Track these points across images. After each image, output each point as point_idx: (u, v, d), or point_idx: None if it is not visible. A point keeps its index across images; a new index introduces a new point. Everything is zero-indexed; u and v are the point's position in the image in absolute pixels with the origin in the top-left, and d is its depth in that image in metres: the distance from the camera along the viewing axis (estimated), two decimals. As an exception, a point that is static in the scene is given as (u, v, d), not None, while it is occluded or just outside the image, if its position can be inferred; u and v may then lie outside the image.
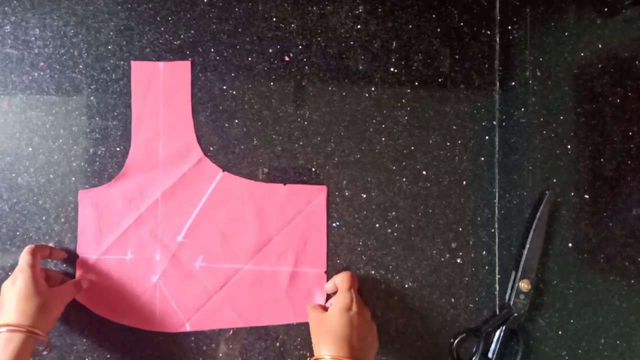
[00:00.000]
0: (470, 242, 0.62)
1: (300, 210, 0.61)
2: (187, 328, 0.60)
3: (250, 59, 0.61)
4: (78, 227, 0.60)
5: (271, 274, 0.61)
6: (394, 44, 0.62)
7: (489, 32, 0.62)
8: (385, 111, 0.62)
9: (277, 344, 0.61)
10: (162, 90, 0.60)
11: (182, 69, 0.60)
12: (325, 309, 0.59)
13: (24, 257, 0.54)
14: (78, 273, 0.60)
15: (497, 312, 0.61)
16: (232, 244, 0.60)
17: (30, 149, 0.60)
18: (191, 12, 0.61)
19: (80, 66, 0.60)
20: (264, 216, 0.61)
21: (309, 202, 0.61)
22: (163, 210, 0.60)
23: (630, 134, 0.63)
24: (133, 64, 0.60)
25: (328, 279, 0.61)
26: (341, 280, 0.58)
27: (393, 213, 0.61)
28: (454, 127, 0.62)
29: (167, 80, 0.60)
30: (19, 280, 0.52)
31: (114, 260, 0.60)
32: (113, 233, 0.60)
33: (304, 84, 0.61)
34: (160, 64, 0.60)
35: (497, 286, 0.62)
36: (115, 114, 0.60)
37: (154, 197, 0.60)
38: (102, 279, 0.60)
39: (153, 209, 0.60)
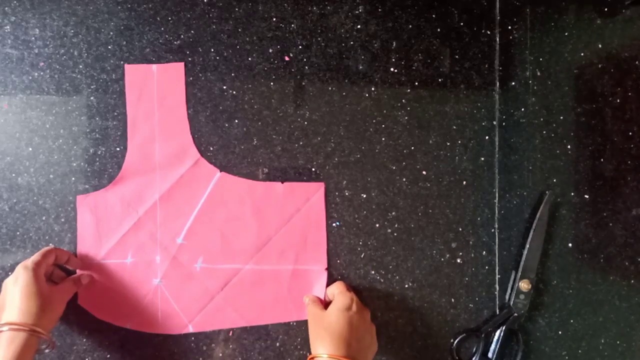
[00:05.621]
0: (470, 242, 0.62)
1: (299, 208, 0.61)
2: (190, 329, 0.60)
3: (250, 59, 0.61)
4: (77, 232, 0.60)
5: (272, 273, 0.61)
6: (394, 44, 0.62)
7: (489, 32, 0.62)
8: (385, 111, 0.62)
9: (277, 344, 0.61)
10: (156, 93, 0.60)
11: (175, 71, 0.60)
12: (323, 302, 0.59)
13: (34, 256, 0.54)
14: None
15: (497, 312, 0.61)
16: (232, 244, 0.60)
17: (30, 149, 0.60)
18: (191, 12, 0.61)
19: (80, 66, 0.60)
20: (262, 215, 0.61)
21: (307, 200, 0.61)
22: (162, 212, 0.60)
23: (630, 134, 0.63)
24: (126, 67, 0.60)
25: (329, 276, 0.61)
26: (336, 284, 0.59)
27: (393, 213, 0.61)
28: (454, 127, 0.62)
29: (161, 83, 0.60)
30: (21, 279, 0.51)
31: (114, 264, 0.60)
32: (112, 237, 0.60)
33: (304, 84, 0.61)
34: (154, 66, 0.60)
35: (497, 286, 0.62)
36: (115, 114, 0.60)
37: (152, 199, 0.60)
38: (103, 283, 0.60)
39: (152, 211, 0.60)
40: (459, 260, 0.62)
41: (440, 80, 0.62)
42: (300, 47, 0.61)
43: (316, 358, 0.51)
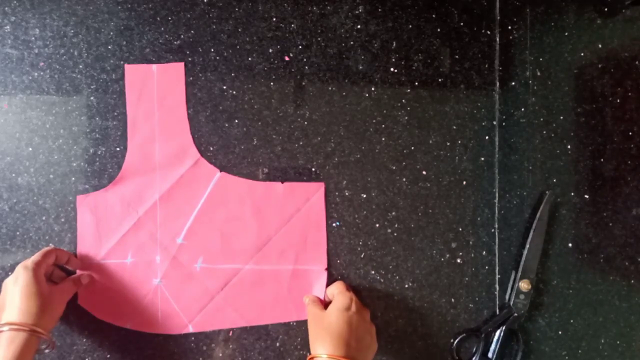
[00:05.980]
0: (470, 242, 0.62)
1: (299, 208, 0.61)
2: (190, 329, 0.60)
3: (250, 59, 0.61)
4: (77, 232, 0.60)
5: (272, 273, 0.61)
6: (394, 44, 0.62)
7: (489, 32, 0.62)
8: (385, 111, 0.62)
9: (277, 344, 0.61)
10: (156, 93, 0.60)
11: (175, 71, 0.60)
12: (323, 302, 0.59)
13: (34, 256, 0.54)
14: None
15: (497, 312, 0.61)
16: (232, 244, 0.60)
17: (30, 149, 0.60)
18: (191, 12, 0.61)
19: (80, 66, 0.60)
20: (263, 215, 0.61)
21: (307, 200, 0.61)
22: (162, 212, 0.60)
23: (630, 134, 0.63)
24: (126, 67, 0.60)
25: (329, 276, 0.61)
26: (336, 284, 0.59)
27: (393, 213, 0.61)
28: (454, 127, 0.62)
29: (161, 83, 0.60)
30: (21, 279, 0.51)
31: (114, 264, 0.60)
32: (112, 237, 0.60)
33: (304, 84, 0.61)
34: (154, 66, 0.60)
35: (497, 286, 0.62)
36: (115, 114, 0.60)
37: (152, 199, 0.60)
38: (103, 283, 0.60)
39: (152, 211, 0.60)
40: (459, 260, 0.62)
41: (440, 80, 0.62)
42: (300, 47, 0.61)
43: (315, 358, 0.51)
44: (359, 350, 0.52)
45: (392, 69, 0.62)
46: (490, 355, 0.61)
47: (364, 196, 0.61)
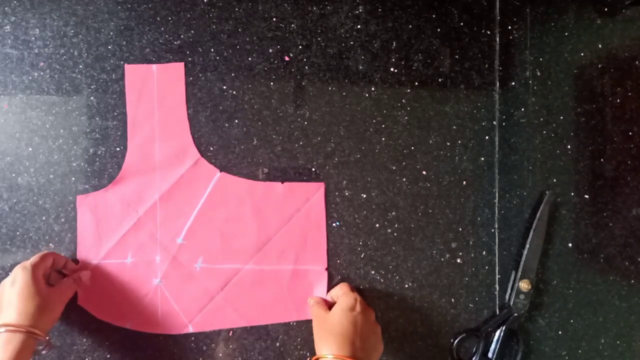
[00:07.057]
0: (470, 242, 0.62)
1: (299, 208, 0.61)
2: (190, 329, 0.60)
3: (250, 59, 0.61)
4: (77, 232, 0.60)
5: (272, 273, 0.61)
6: (394, 44, 0.62)
7: (489, 32, 0.62)
8: (385, 111, 0.62)
9: (277, 344, 0.61)
10: (156, 93, 0.60)
11: (175, 71, 0.60)
12: (327, 303, 0.59)
13: (32, 258, 0.54)
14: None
15: (497, 312, 0.61)
16: (232, 244, 0.60)
17: (30, 149, 0.60)
18: (191, 12, 0.61)
19: (80, 66, 0.60)
20: (263, 215, 0.61)
21: (307, 200, 0.61)
22: (162, 212, 0.60)
23: (630, 134, 0.63)
24: (126, 67, 0.60)
25: (329, 276, 0.61)
26: (340, 286, 0.59)
27: (393, 213, 0.61)
28: (454, 127, 0.62)
29: (161, 83, 0.60)
30: (19, 280, 0.51)
31: (114, 265, 0.60)
32: (112, 237, 0.60)
33: (304, 84, 0.61)
34: (154, 66, 0.60)
35: (497, 286, 0.62)
36: (115, 114, 0.60)
37: (152, 199, 0.60)
38: (103, 283, 0.60)
39: (152, 211, 0.60)
40: (459, 260, 0.62)
41: (440, 80, 0.62)
42: (300, 47, 0.61)
43: (321, 359, 0.51)
44: (364, 350, 0.52)
45: (392, 69, 0.62)
46: (490, 355, 0.61)
47: (364, 196, 0.61)
